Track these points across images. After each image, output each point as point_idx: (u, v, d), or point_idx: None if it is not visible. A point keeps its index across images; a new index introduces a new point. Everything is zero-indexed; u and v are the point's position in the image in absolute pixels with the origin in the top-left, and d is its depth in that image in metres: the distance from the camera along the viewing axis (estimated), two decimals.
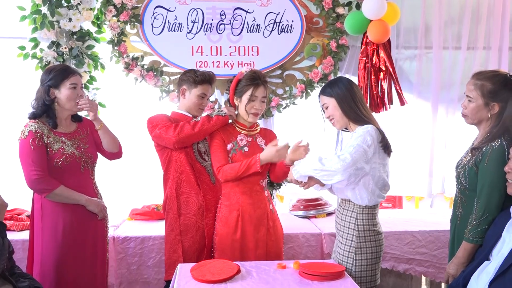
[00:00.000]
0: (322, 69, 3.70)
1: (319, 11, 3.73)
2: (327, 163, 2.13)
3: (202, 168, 2.66)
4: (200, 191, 2.62)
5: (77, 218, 2.45)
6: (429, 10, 3.86)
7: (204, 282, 2.01)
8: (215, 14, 3.62)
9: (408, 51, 3.92)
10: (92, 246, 2.51)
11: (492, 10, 3.90)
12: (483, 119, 2.18)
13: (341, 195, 2.34)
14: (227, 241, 2.53)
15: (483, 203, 2.07)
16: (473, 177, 2.14)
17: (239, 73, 2.59)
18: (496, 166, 2.04)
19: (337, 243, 2.36)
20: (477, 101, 2.16)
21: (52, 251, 2.39)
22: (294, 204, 3.66)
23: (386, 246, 3.17)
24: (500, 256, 1.79)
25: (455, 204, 2.31)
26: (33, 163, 2.32)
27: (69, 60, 3.38)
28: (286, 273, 2.15)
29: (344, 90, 2.30)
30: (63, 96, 2.44)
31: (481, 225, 2.06)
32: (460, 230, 2.23)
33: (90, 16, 3.38)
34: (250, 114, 2.55)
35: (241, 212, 2.52)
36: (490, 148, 2.08)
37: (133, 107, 3.69)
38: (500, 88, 2.11)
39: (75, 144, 2.49)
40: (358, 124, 2.29)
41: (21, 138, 2.36)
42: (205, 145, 2.70)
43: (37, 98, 2.45)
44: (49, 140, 2.39)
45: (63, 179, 2.41)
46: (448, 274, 2.19)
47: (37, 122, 2.39)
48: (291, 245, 3.10)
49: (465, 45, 3.89)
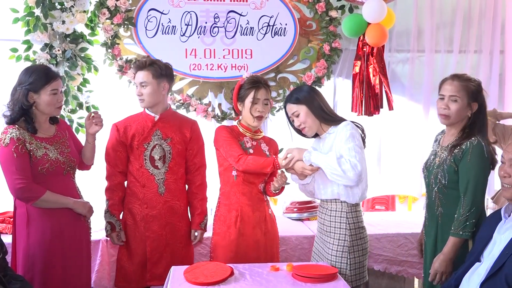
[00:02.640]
0: (316, 72, 3.71)
1: (312, 14, 3.74)
2: (343, 165, 2.18)
3: (151, 176, 2.60)
4: (144, 202, 2.61)
5: (65, 221, 2.40)
6: (421, 13, 3.89)
7: (197, 285, 2.01)
8: (209, 17, 3.63)
9: (400, 54, 3.96)
10: (78, 249, 2.47)
11: (484, 13, 3.94)
12: (463, 118, 2.29)
13: (329, 196, 2.35)
14: (224, 241, 2.53)
15: (470, 198, 2.15)
16: (452, 175, 2.22)
17: (240, 79, 2.60)
18: (479, 161, 2.15)
19: (326, 244, 2.36)
20: (463, 100, 2.26)
21: (40, 255, 2.33)
22: (287, 207, 3.67)
23: (379, 248, 3.18)
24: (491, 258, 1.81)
25: (432, 204, 2.36)
26: (17, 171, 2.22)
27: (62, 63, 3.37)
28: (279, 275, 2.16)
29: (312, 94, 2.38)
30: (43, 102, 2.32)
31: (470, 219, 2.13)
32: (443, 229, 2.28)
33: (84, 19, 3.38)
34: (254, 118, 2.54)
35: (240, 213, 2.53)
36: (470, 145, 2.18)
37: (126, 109, 3.67)
38: (479, 89, 2.29)
39: (58, 149, 2.40)
40: (330, 124, 2.37)
41: (1, 146, 2.24)
42: (163, 150, 2.61)
43: (13, 100, 2.31)
44: (31, 146, 2.29)
45: (47, 183, 2.33)
46: (436, 271, 2.22)
47: (18, 128, 2.28)
48: (285, 247, 3.10)
49: (457, 48, 3.93)
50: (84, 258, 2.52)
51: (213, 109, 3.64)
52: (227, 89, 3.66)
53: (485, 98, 2.31)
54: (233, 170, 2.53)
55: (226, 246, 2.52)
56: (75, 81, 3.40)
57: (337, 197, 2.32)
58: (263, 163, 2.42)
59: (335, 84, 3.87)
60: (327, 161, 2.22)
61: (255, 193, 2.57)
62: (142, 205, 2.60)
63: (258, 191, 2.58)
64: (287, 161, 2.33)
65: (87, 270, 2.55)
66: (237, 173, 2.52)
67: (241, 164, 2.44)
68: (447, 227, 2.25)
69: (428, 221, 2.43)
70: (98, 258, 2.90)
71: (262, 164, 2.42)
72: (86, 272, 2.55)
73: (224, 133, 2.55)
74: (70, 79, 3.36)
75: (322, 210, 2.41)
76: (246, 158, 2.44)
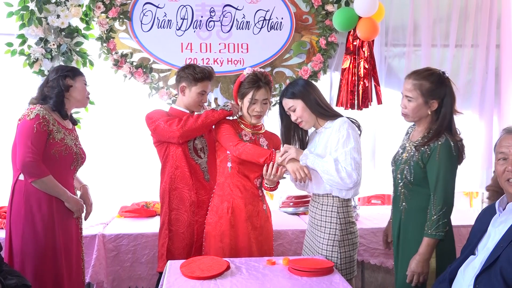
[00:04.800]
0: (312, 66, 3.71)
1: (308, 9, 3.74)
2: (341, 173, 2.20)
3: (197, 165, 2.65)
4: (193, 188, 2.62)
5: (57, 209, 2.41)
6: (417, 7, 3.89)
7: (194, 279, 2.01)
8: (205, 11, 3.62)
9: (396, 48, 3.96)
10: (67, 242, 2.47)
11: (480, 8, 3.95)
12: (423, 116, 2.25)
13: (321, 190, 2.36)
14: (215, 231, 2.54)
15: (440, 197, 2.12)
16: (418, 172, 2.20)
17: (241, 75, 2.59)
18: (447, 160, 2.13)
19: (317, 238, 2.37)
20: (417, 100, 2.22)
21: (32, 240, 2.35)
22: (283, 201, 3.68)
23: (375, 242, 3.19)
24: (485, 251, 1.81)
25: (397, 200, 2.34)
26: (31, 145, 2.29)
27: (58, 57, 3.35)
28: (275, 269, 2.16)
29: (307, 89, 2.38)
30: (77, 88, 2.50)
31: (441, 219, 2.11)
32: (406, 224, 2.28)
33: (79, 13, 3.36)
34: (252, 116, 2.56)
35: (232, 204, 2.53)
36: (438, 144, 2.15)
37: (122, 104, 3.67)
38: (437, 86, 2.20)
39: (73, 140, 2.51)
40: (326, 119, 2.37)
41: (25, 119, 2.33)
42: (202, 142, 2.69)
43: (51, 86, 2.46)
44: (53, 128, 2.39)
45: (53, 170, 2.38)
46: (413, 272, 2.16)
47: (45, 109, 2.40)
48: (281, 241, 3.11)
49: (453, 42, 3.93)
50: (73, 253, 2.51)
51: (209, 103, 3.63)
52: (223, 83, 3.66)
53: (451, 91, 2.21)
54: (228, 162, 2.54)
55: (217, 236, 2.53)
56: None
57: (329, 192, 2.33)
58: (260, 152, 2.43)
59: (331, 78, 3.87)
60: (324, 166, 2.24)
61: (249, 187, 2.57)
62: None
63: (252, 185, 2.58)
64: (283, 158, 2.34)
65: (77, 265, 2.55)
66: (232, 164, 2.53)
67: (238, 148, 2.46)
68: (409, 222, 2.25)
69: (392, 215, 2.42)
70: (94, 252, 2.92)
71: (259, 152, 2.43)
72: (76, 268, 2.55)
73: (224, 125, 2.58)
74: None
75: (314, 204, 2.42)
76: (245, 144, 2.47)
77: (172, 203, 2.62)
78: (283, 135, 2.54)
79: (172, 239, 2.61)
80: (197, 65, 2.72)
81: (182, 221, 2.62)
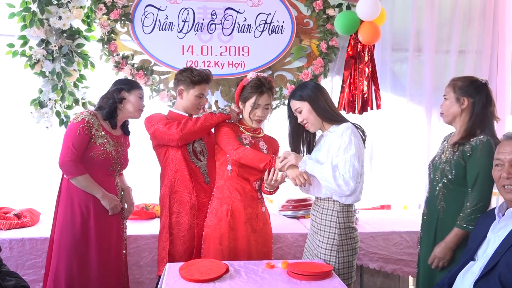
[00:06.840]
0: (312, 70, 3.71)
1: (309, 13, 3.74)
2: (338, 180, 2.21)
3: (196, 168, 2.66)
4: (193, 191, 2.62)
5: (95, 206, 2.55)
6: (420, 12, 3.88)
7: (193, 282, 2.01)
8: (206, 14, 3.62)
9: (399, 53, 3.94)
10: (103, 238, 2.58)
11: (484, 13, 3.93)
12: (456, 114, 2.37)
13: (323, 194, 2.36)
14: (215, 234, 2.53)
15: (477, 192, 2.22)
16: (460, 170, 2.28)
17: (244, 79, 2.60)
18: (487, 158, 2.18)
19: (317, 242, 2.37)
20: (450, 97, 2.38)
21: (69, 233, 2.52)
22: (283, 205, 3.67)
23: (374, 246, 3.19)
24: (485, 257, 1.82)
25: (434, 199, 2.41)
26: (72, 146, 2.48)
27: (59, 59, 3.35)
28: (274, 272, 2.16)
29: (315, 92, 2.37)
30: (131, 100, 2.64)
31: (475, 213, 2.19)
32: (443, 223, 2.35)
33: (80, 14, 3.36)
34: (253, 121, 2.57)
35: (231, 207, 2.54)
36: (479, 142, 2.24)
37: None
38: (468, 84, 2.36)
39: (115, 147, 2.63)
40: (332, 123, 2.37)
41: (73, 122, 2.55)
42: (201, 145, 2.69)
43: (107, 96, 2.65)
44: (96, 133, 2.55)
45: (90, 170, 2.54)
46: (435, 256, 2.31)
47: (93, 115, 2.58)
48: (280, 245, 3.11)
49: (456, 48, 3.92)
50: (113, 251, 2.64)
51: (209, 106, 3.63)
52: (224, 86, 3.66)
53: (487, 94, 2.34)
54: (228, 165, 2.54)
55: (216, 239, 2.53)
56: (71, 77, 3.38)
57: (330, 196, 2.33)
58: (260, 157, 2.44)
59: (332, 82, 3.87)
60: (322, 173, 2.24)
61: (248, 189, 2.57)
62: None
63: (252, 188, 2.59)
64: (282, 164, 2.35)
65: (117, 265, 2.67)
66: (232, 167, 2.54)
67: (238, 152, 2.47)
68: (447, 222, 2.31)
69: (427, 215, 2.47)
70: None
71: (260, 158, 2.44)
72: (116, 267, 2.66)
73: (223, 128, 2.58)
74: (66, 75, 3.34)
75: (315, 208, 2.43)
76: (245, 148, 2.47)
77: (173, 206, 2.62)
78: (291, 137, 2.53)
79: (173, 242, 2.61)
80: (194, 68, 2.74)
81: (183, 225, 2.61)
